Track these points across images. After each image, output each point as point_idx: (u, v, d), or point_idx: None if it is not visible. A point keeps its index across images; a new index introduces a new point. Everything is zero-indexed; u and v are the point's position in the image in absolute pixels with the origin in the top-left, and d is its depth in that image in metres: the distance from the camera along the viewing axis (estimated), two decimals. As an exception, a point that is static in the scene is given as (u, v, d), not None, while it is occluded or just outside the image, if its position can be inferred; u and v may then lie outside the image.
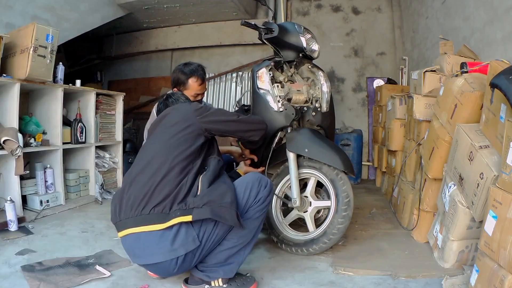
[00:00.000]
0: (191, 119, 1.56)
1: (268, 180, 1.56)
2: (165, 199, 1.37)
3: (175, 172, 1.41)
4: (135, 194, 1.41)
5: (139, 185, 1.42)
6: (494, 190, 1.31)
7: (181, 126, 1.53)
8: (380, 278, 1.68)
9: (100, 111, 3.35)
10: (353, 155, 4.05)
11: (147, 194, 1.38)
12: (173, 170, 1.42)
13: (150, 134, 1.67)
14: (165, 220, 1.35)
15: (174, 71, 2.17)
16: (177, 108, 1.67)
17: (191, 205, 1.36)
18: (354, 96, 4.80)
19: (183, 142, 1.49)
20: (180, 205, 1.37)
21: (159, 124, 1.62)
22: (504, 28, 2.12)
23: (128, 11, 4.44)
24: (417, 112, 2.39)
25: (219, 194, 1.39)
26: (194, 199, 1.37)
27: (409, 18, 4.23)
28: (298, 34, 2.08)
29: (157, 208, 1.36)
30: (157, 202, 1.37)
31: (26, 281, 1.57)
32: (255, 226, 1.50)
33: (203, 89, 2.16)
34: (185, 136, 1.51)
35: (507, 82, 1.28)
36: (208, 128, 1.57)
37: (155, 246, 1.37)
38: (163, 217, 1.36)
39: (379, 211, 2.84)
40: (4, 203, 2.29)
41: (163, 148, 1.49)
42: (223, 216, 1.36)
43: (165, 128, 1.57)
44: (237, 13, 4.74)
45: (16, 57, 2.50)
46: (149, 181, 1.40)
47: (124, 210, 1.42)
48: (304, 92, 2.10)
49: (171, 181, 1.40)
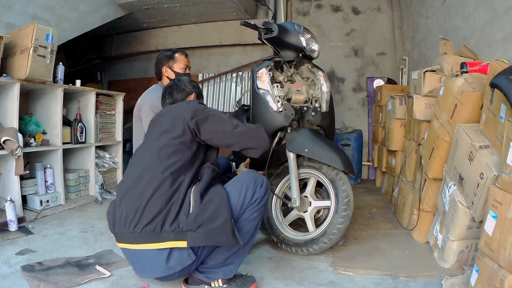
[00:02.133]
0: (183, 124, 1.46)
1: (264, 178, 1.51)
2: (156, 217, 1.32)
3: (165, 187, 1.35)
4: (126, 210, 1.36)
5: (130, 201, 1.37)
6: (494, 190, 1.31)
7: (173, 134, 1.45)
8: (380, 278, 1.68)
9: (100, 111, 3.35)
10: (353, 155, 4.05)
11: (138, 211, 1.33)
12: (164, 184, 1.35)
13: (147, 133, 1.64)
14: (158, 240, 1.32)
15: (157, 60, 2.30)
16: (171, 110, 1.57)
17: (184, 227, 1.32)
18: (354, 96, 4.80)
19: (174, 153, 1.42)
20: (172, 226, 1.32)
21: (154, 125, 1.58)
22: (504, 28, 2.12)
23: (128, 11, 4.44)
24: (417, 112, 2.39)
25: (212, 212, 1.34)
26: (187, 220, 1.32)
27: (409, 18, 4.23)
28: (298, 34, 2.08)
29: (148, 226, 1.32)
30: (148, 220, 1.32)
31: (26, 281, 1.57)
32: (252, 226, 1.49)
33: (188, 62, 2.31)
34: (177, 145, 1.43)
35: (507, 82, 1.28)
36: (201, 137, 1.48)
37: (152, 263, 1.37)
38: (155, 236, 1.32)
39: (379, 211, 2.84)
40: (4, 203, 2.30)
41: (154, 159, 1.42)
42: (218, 240, 1.34)
43: (156, 135, 1.50)
44: (237, 13, 4.74)
45: (16, 57, 2.50)
46: (140, 197, 1.35)
47: (117, 224, 1.39)
48: (303, 92, 2.10)
49: (162, 196, 1.34)
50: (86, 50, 5.62)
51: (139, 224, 1.33)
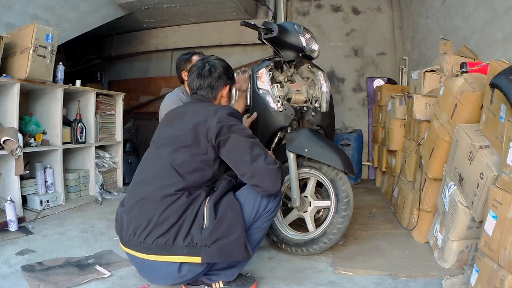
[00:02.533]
0: (207, 142, 1.40)
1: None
2: (169, 231, 1.29)
3: (181, 201, 1.32)
4: (138, 218, 1.33)
5: (142, 211, 1.33)
6: (494, 190, 1.31)
7: (196, 151, 1.39)
8: (380, 278, 1.68)
9: (100, 111, 3.35)
10: (353, 155, 4.05)
11: (151, 222, 1.30)
12: (180, 198, 1.32)
13: (162, 129, 1.54)
14: (170, 253, 1.30)
15: (177, 64, 2.35)
16: (195, 116, 1.45)
17: (198, 243, 1.29)
18: (354, 96, 4.80)
19: (196, 171, 1.38)
20: (186, 241, 1.29)
21: (175, 121, 1.49)
22: (504, 28, 2.12)
23: (128, 11, 4.44)
24: (417, 112, 2.39)
25: (227, 227, 1.32)
26: (202, 236, 1.30)
27: (409, 18, 4.23)
28: (298, 34, 2.08)
29: (160, 239, 1.29)
30: (160, 233, 1.29)
31: (26, 281, 1.57)
32: (261, 235, 1.52)
33: None
34: (199, 164, 1.39)
35: (507, 82, 1.28)
36: (220, 156, 1.43)
37: (163, 273, 1.36)
38: (167, 249, 1.30)
39: (379, 211, 2.84)
40: (4, 203, 2.30)
41: (171, 173, 1.36)
42: (231, 255, 1.34)
43: (176, 145, 1.41)
44: (237, 13, 4.74)
45: (16, 57, 2.50)
46: (153, 209, 1.31)
47: (126, 231, 1.36)
48: (303, 92, 2.10)
49: (176, 210, 1.31)
50: (86, 50, 5.62)
51: (150, 235, 1.30)
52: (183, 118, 1.49)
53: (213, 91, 1.59)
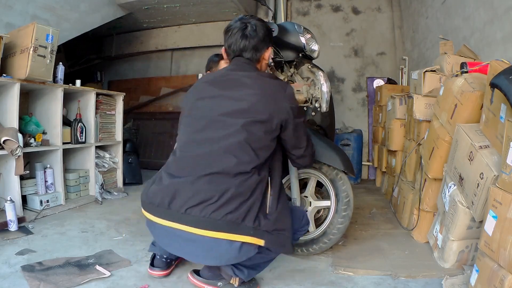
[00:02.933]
0: (281, 121, 1.39)
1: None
2: (238, 208, 1.28)
3: (254, 179, 1.33)
4: (207, 191, 1.28)
5: (213, 184, 1.29)
6: (494, 190, 1.31)
7: (267, 128, 1.36)
8: (380, 278, 1.68)
9: (100, 111, 3.35)
10: (353, 155, 4.05)
11: (223, 196, 1.27)
12: (253, 176, 1.33)
13: (214, 92, 1.42)
14: (237, 232, 1.29)
15: (207, 62, 2.41)
16: (265, 92, 1.38)
17: (263, 227, 1.33)
18: (354, 96, 4.80)
19: (265, 148, 1.37)
20: (255, 222, 1.31)
21: (230, 90, 1.39)
22: (504, 28, 2.12)
23: (128, 11, 4.44)
24: (417, 112, 2.39)
25: (284, 222, 1.42)
26: (266, 221, 1.34)
27: (409, 18, 4.23)
28: (298, 34, 2.08)
29: (230, 216, 1.26)
30: (231, 209, 1.27)
31: (26, 281, 1.57)
32: None
33: None
34: (269, 142, 1.38)
35: (507, 82, 1.28)
36: (281, 134, 1.45)
37: (218, 251, 1.33)
38: (235, 227, 1.28)
39: (379, 211, 2.84)
40: (4, 203, 2.29)
41: (244, 147, 1.32)
42: (285, 246, 1.44)
43: (251, 115, 1.34)
44: (237, 13, 4.73)
45: (16, 57, 2.50)
46: (227, 183, 1.29)
47: (181, 202, 1.29)
48: (303, 92, 2.10)
49: (249, 187, 1.31)
50: (86, 50, 5.62)
51: (219, 210, 1.26)
52: (242, 87, 1.40)
53: (257, 53, 1.50)
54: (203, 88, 1.47)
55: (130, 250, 2.02)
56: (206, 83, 1.47)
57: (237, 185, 1.29)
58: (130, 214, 2.75)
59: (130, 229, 2.40)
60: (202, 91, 1.46)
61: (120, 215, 2.71)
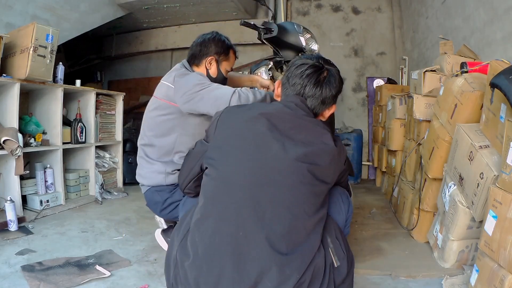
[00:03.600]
0: (337, 172, 1.14)
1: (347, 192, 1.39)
2: None
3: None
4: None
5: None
6: (494, 190, 1.31)
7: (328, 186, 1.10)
8: (380, 278, 1.68)
9: (100, 111, 3.35)
10: (353, 155, 4.05)
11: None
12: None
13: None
14: None
15: (207, 42, 1.76)
16: (332, 155, 1.08)
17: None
18: (354, 96, 4.80)
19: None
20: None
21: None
22: (504, 28, 2.12)
23: (128, 11, 4.44)
24: (417, 112, 2.39)
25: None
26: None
27: (409, 18, 4.22)
28: (298, 34, 2.08)
29: None
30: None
31: (26, 281, 1.57)
32: None
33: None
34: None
35: (507, 82, 1.28)
36: None
37: None
38: None
39: (379, 211, 2.84)
40: (4, 203, 2.29)
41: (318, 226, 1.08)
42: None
43: (311, 179, 1.04)
44: (237, 13, 4.74)
45: (16, 57, 2.50)
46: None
47: None
48: (304, 92, 2.10)
49: None
50: (86, 50, 5.62)
51: None
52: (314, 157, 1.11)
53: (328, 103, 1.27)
54: None
55: (130, 250, 2.02)
56: None
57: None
58: (130, 214, 2.75)
59: (130, 229, 2.40)
60: None
61: (120, 215, 2.71)
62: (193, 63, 1.80)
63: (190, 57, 1.81)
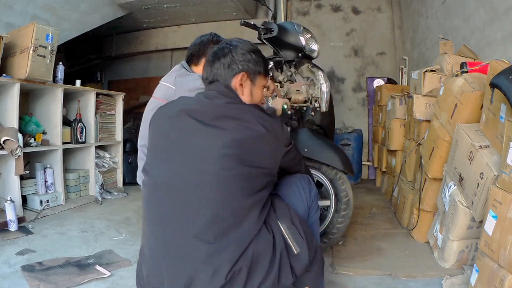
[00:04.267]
0: (279, 161, 1.13)
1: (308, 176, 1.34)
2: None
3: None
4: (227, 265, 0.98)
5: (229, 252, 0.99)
6: (494, 190, 1.31)
7: (266, 171, 1.07)
8: (380, 278, 1.68)
9: (100, 111, 3.35)
10: (353, 155, 4.05)
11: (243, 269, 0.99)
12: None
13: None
14: None
15: (204, 41, 1.75)
16: (268, 141, 1.07)
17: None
18: (354, 96, 4.80)
19: (263, 190, 1.08)
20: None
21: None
22: (504, 28, 2.12)
23: (128, 11, 4.44)
24: (417, 112, 2.39)
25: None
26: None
27: (409, 18, 4.22)
28: (298, 34, 2.08)
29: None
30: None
31: (26, 281, 1.57)
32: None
33: None
34: (265, 183, 1.09)
35: (507, 82, 1.28)
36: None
37: None
38: None
39: (379, 211, 2.84)
40: (4, 203, 2.30)
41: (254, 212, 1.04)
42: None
43: (245, 164, 1.01)
44: (237, 13, 4.74)
45: (16, 57, 2.50)
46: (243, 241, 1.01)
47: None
48: (303, 92, 2.10)
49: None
50: (86, 50, 5.61)
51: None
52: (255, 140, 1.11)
53: None
54: None
55: (130, 250, 2.02)
56: None
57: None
58: (130, 214, 2.75)
59: (130, 229, 2.40)
60: None
61: (120, 215, 2.71)
62: (192, 63, 1.80)
63: (189, 57, 1.81)
